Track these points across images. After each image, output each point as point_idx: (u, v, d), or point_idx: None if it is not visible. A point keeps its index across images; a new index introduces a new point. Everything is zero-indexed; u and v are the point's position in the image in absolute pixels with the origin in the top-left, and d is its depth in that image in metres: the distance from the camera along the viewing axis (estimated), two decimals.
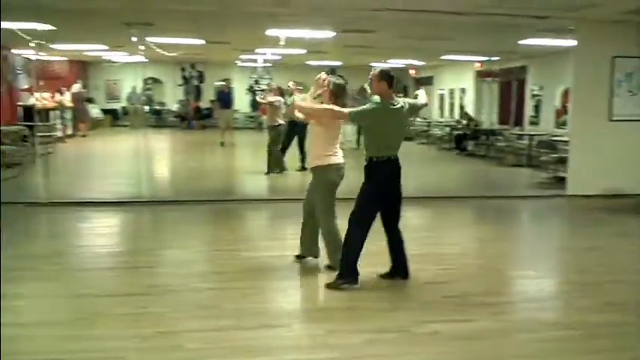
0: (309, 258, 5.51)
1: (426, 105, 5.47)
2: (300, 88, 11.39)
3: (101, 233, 7.04)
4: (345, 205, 4.94)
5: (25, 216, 7.60)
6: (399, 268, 5.09)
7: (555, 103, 13.54)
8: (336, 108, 4.91)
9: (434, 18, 8.48)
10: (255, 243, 6.51)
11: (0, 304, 3.61)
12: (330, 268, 5.19)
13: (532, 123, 14.65)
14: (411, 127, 19.63)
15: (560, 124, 13.12)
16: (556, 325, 4.27)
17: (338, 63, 17.82)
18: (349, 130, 12.41)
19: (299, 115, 5.59)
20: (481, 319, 4.28)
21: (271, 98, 11.01)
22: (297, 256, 5.57)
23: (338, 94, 5.09)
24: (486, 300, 4.71)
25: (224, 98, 16.58)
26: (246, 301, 4.58)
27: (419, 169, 12.50)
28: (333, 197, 5.22)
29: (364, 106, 4.86)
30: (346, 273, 4.81)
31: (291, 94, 10.81)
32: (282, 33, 10.47)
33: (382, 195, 4.89)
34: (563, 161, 10.03)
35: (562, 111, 13.15)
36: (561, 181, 9.70)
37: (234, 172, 13.05)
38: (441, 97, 20.17)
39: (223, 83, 17.26)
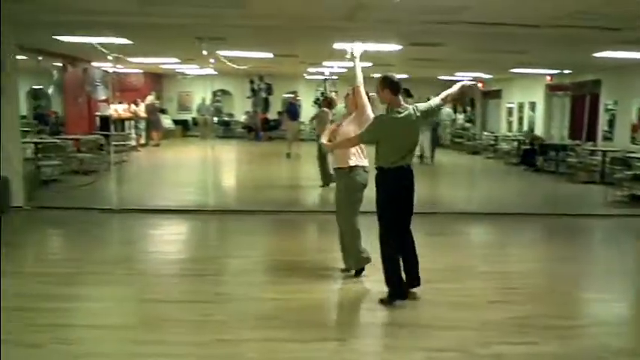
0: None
1: (442, 104, 5.20)
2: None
3: (169, 240, 7.26)
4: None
5: (99, 222, 7.95)
6: (411, 276, 4.98)
7: (631, 118, 12.97)
8: (352, 136, 5.10)
9: (505, 31, 8.31)
10: (317, 255, 6.54)
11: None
12: (345, 270, 5.50)
13: (606, 138, 14.06)
14: (478, 141, 19.32)
15: (636, 140, 12.55)
16: (628, 353, 4.07)
17: (404, 76, 17.74)
18: None
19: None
20: (546, 342, 4.14)
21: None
22: (342, 270, 5.62)
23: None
24: (553, 323, 4.55)
25: (292, 110, 16.83)
26: (306, 314, 4.61)
27: (485, 184, 12.25)
28: (357, 200, 5.36)
29: (369, 124, 4.94)
30: (393, 291, 4.78)
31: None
32: (350, 46, 10.50)
33: (394, 201, 4.83)
34: (638, 179, 9.58)
35: (638, 126, 12.58)
36: (636, 199, 9.26)
37: (299, 183, 13.18)
38: (510, 110, 19.71)
39: (291, 95, 17.53)
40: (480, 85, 20.11)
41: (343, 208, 5.44)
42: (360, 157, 5.33)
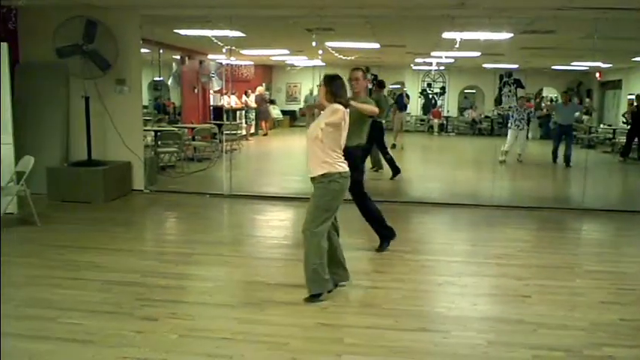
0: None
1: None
2: None
3: (274, 226, 7.52)
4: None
5: (211, 206, 8.39)
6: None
7: None
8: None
9: (624, 16, 7.79)
10: (419, 246, 6.51)
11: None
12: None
13: None
14: (594, 134, 18.18)
15: None
16: None
17: (514, 66, 17.08)
18: None
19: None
20: None
21: None
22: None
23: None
24: None
25: (400, 101, 16.75)
26: (406, 303, 4.63)
27: (601, 179, 11.54)
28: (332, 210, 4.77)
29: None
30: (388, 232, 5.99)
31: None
32: (459, 36, 10.30)
33: None
34: None
35: None
36: None
37: (403, 173, 13.09)
38: (631, 102, 18.35)
39: (398, 87, 17.43)
40: (597, 75, 18.96)
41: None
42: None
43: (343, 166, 4.65)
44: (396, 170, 11.00)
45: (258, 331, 4.04)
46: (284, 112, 22.54)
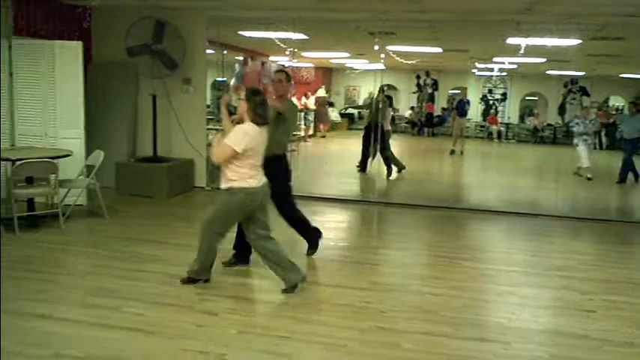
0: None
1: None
2: None
3: (331, 227, 7.52)
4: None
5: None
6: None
7: None
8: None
9: None
10: (478, 254, 6.39)
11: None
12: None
13: None
14: None
15: None
16: None
17: (580, 73, 16.57)
18: None
19: None
20: None
21: None
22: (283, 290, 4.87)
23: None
24: None
25: (461, 107, 16.51)
26: (465, 311, 4.56)
27: None
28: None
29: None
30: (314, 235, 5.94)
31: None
32: (524, 41, 10.08)
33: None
34: None
35: None
36: None
37: (462, 180, 12.93)
38: None
39: (458, 92, 17.20)
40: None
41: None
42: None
43: (250, 182, 4.59)
44: (390, 170, 11.37)
45: (316, 331, 4.06)
46: (342, 115, 22.58)
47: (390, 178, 11.26)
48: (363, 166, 11.56)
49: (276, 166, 5.25)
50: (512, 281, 5.38)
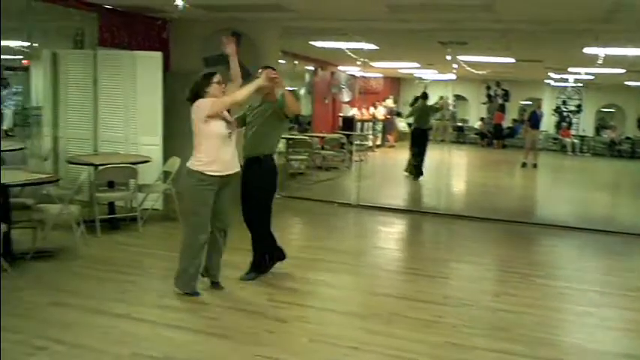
0: None
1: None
2: None
3: (399, 238, 7.52)
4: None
5: (338, 214, 8.55)
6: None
7: None
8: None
9: None
10: (551, 271, 6.20)
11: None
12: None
13: None
14: None
15: None
16: None
17: None
18: None
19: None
20: None
21: None
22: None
23: None
24: None
25: (535, 118, 16.08)
26: (540, 330, 4.42)
27: None
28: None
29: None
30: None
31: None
32: (602, 51, 9.72)
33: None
34: None
35: None
36: None
37: (533, 194, 12.57)
38: None
39: (529, 103, 16.76)
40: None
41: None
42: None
43: (196, 165, 4.64)
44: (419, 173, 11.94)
45: (385, 343, 4.04)
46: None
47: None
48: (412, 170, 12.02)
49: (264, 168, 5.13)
50: (589, 301, 5.18)
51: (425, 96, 12.57)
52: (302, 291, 5.12)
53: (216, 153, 4.63)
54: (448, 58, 9.49)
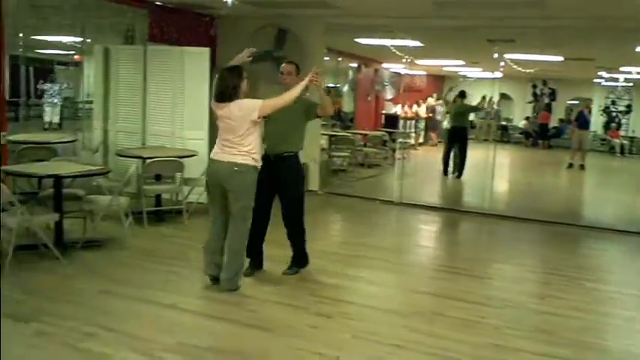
0: None
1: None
2: None
3: (440, 237, 7.47)
4: None
5: (379, 211, 8.53)
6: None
7: None
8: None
9: None
10: (601, 274, 6.05)
11: None
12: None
13: None
14: None
15: None
16: None
17: None
18: None
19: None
20: None
21: None
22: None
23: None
24: None
25: (582, 118, 15.68)
26: (587, 335, 4.34)
27: None
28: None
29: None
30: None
31: None
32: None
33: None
34: None
35: None
36: None
37: (580, 195, 12.28)
38: None
39: (577, 102, 16.36)
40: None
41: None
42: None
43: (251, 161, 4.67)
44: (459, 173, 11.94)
45: (428, 342, 4.02)
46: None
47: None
48: (446, 170, 12.15)
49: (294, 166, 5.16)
50: (638, 306, 5.04)
51: (462, 94, 12.45)
52: (344, 287, 5.14)
53: (260, 148, 4.73)
54: (495, 56, 9.33)
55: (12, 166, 5.98)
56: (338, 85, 14.19)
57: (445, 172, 12.08)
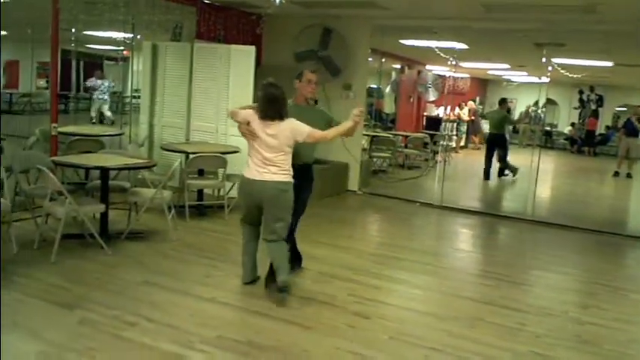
0: None
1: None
2: None
3: (480, 242, 7.37)
4: None
5: (420, 214, 8.48)
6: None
7: None
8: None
9: None
10: None
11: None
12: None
13: None
14: None
15: None
16: None
17: None
18: None
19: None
20: None
21: None
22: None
23: None
24: None
25: (631, 126, 15.24)
26: (632, 348, 4.23)
27: None
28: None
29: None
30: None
31: None
32: None
33: None
34: None
35: None
36: None
37: (627, 204, 11.93)
38: None
39: (625, 109, 15.91)
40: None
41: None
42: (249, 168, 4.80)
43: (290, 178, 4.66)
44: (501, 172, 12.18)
45: (468, 347, 3.98)
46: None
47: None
48: (488, 174, 12.12)
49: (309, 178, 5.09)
50: None
51: (502, 101, 12.56)
52: (382, 288, 5.12)
53: None
54: (543, 60, 9.15)
55: (61, 157, 6.16)
56: (379, 86, 14.12)
57: (486, 176, 11.91)
